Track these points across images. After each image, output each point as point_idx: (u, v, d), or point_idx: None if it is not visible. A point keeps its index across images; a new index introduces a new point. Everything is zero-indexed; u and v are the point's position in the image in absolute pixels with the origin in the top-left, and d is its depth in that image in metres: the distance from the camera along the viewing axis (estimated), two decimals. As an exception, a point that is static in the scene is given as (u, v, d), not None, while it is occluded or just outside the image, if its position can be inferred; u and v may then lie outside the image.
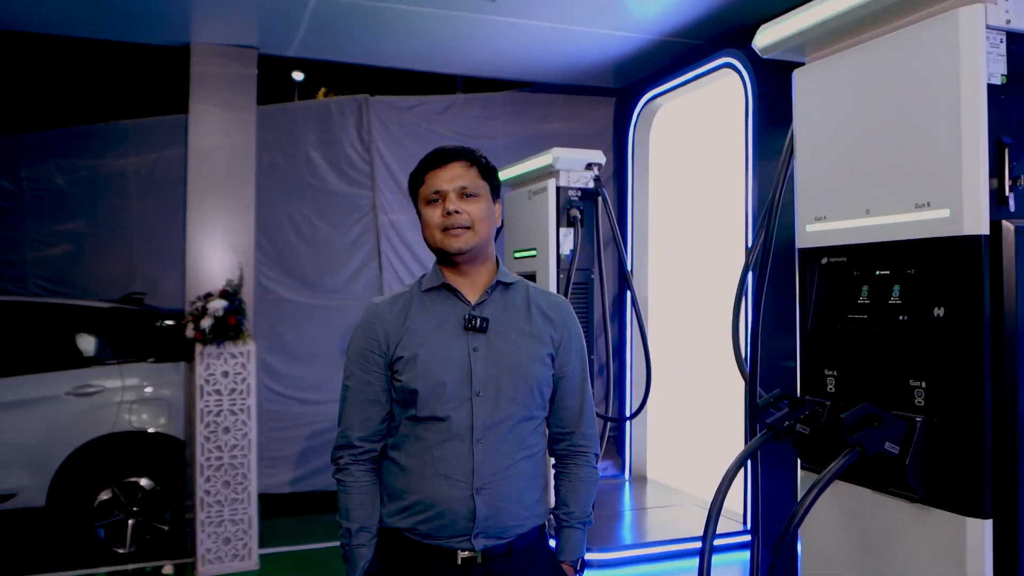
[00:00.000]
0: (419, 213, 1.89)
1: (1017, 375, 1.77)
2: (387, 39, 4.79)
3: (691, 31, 4.68)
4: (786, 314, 3.93)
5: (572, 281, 3.97)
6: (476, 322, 1.80)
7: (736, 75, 4.12)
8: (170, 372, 4.88)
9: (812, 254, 2.28)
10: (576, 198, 4.10)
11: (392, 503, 1.82)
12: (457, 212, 1.80)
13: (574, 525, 1.91)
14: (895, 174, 1.96)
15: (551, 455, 1.98)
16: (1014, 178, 1.81)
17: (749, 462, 4.06)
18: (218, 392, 4.24)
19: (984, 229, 1.77)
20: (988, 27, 1.79)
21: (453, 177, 1.83)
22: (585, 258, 4.11)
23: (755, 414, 2.14)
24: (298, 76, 15.83)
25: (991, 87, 1.79)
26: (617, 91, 6.26)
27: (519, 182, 4.57)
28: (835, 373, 2.17)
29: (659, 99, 4.95)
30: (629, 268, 4.29)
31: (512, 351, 1.81)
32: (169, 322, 5.16)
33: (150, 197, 6.17)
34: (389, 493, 1.83)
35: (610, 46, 5.02)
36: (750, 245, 3.95)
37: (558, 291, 3.98)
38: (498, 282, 1.88)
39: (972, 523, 1.77)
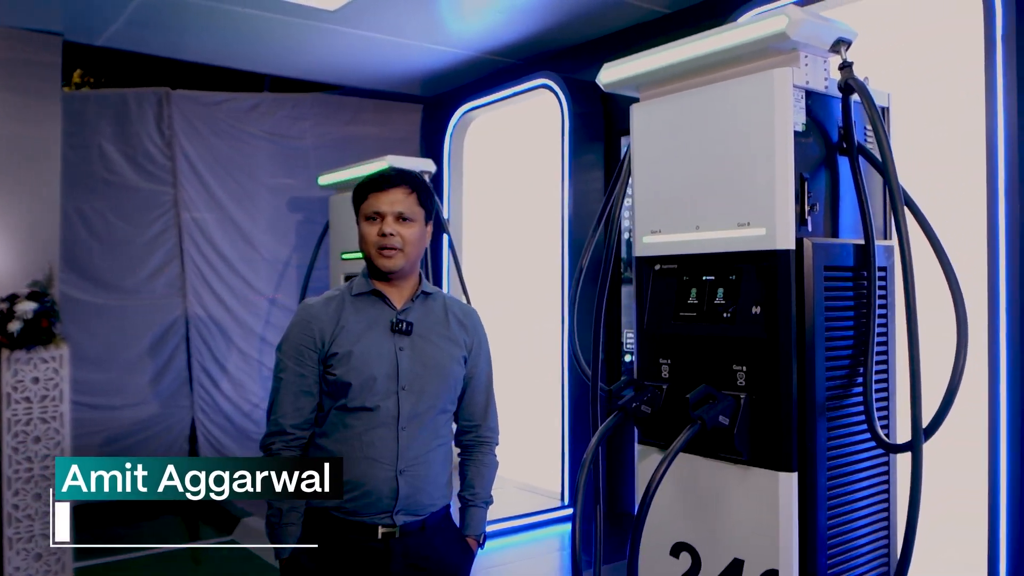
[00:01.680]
0: (358, 224, 2.07)
1: (815, 360, 2.26)
2: (209, 37, 4.71)
3: (506, 51, 5.06)
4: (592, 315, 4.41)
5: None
6: (402, 325, 2.02)
7: (552, 94, 4.54)
8: (-47, 380, 4.46)
9: (647, 261, 2.68)
10: (407, 204, 4.30)
11: None
12: (392, 235, 2.00)
13: (479, 504, 2.17)
14: (721, 198, 2.40)
15: (458, 445, 2.23)
16: (811, 205, 2.30)
17: (569, 441, 4.51)
18: (28, 400, 3.98)
19: (791, 245, 2.25)
20: (794, 86, 2.27)
21: (393, 201, 2.02)
22: (414, 261, 4.32)
23: (609, 398, 2.51)
24: (52, 55, 14.44)
25: (795, 133, 2.27)
26: (425, 99, 6.53)
27: (349, 185, 4.68)
28: (669, 361, 2.58)
29: (476, 111, 5.28)
30: (460, 270, 4.59)
31: (434, 352, 2.05)
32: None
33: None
34: None
35: (424, 58, 5.28)
36: (576, 256, 4.39)
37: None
38: (421, 292, 2.11)
39: (783, 476, 2.24)
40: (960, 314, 2.15)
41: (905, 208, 2.18)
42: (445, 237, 4.87)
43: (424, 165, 4.37)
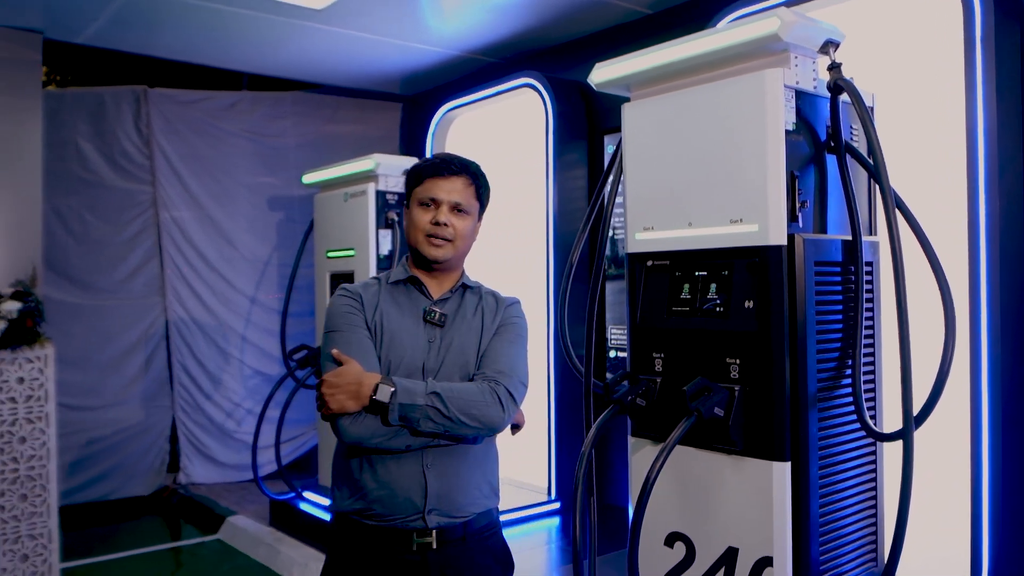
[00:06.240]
0: (407, 207, 2.00)
1: (806, 352, 2.32)
2: (188, 34, 4.69)
3: (488, 50, 5.09)
4: (578, 311, 4.45)
5: (393, 280, 4.20)
6: (435, 316, 1.94)
7: (535, 93, 4.57)
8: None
9: (639, 258, 2.73)
10: (394, 202, 4.34)
11: (345, 487, 1.92)
12: (445, 224, 1.92)
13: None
14: (714, 195, 2.46)
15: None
16: (802, 202, 2.36)
17: (556, 437, 4.55)
18: (12, 400, 3.93)
19: (783, 241, 2.31)
20: (784, 86, 2.33)
21: (451, 190, 1.94)
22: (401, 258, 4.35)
23: (605, 391, 2.55)
24: None
25: (786, 132, 2.33)
26: (405, 98, 6.55)
27: (334, 184, 4.70)
28: (662, 355, 2.64)
29: (457, 109, 5.31)
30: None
31: (462, 347, 1.95)
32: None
33: None
34: (341, 479, 1.94)
35: (405, 57, 5.30)
36: (561, 254, 4.43)
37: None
38: (462, 285, 2.03)
39: (777, 466, 2.30)
40: (947, 306, 2.22)
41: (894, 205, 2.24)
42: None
43: (408, 163, 4.37)
